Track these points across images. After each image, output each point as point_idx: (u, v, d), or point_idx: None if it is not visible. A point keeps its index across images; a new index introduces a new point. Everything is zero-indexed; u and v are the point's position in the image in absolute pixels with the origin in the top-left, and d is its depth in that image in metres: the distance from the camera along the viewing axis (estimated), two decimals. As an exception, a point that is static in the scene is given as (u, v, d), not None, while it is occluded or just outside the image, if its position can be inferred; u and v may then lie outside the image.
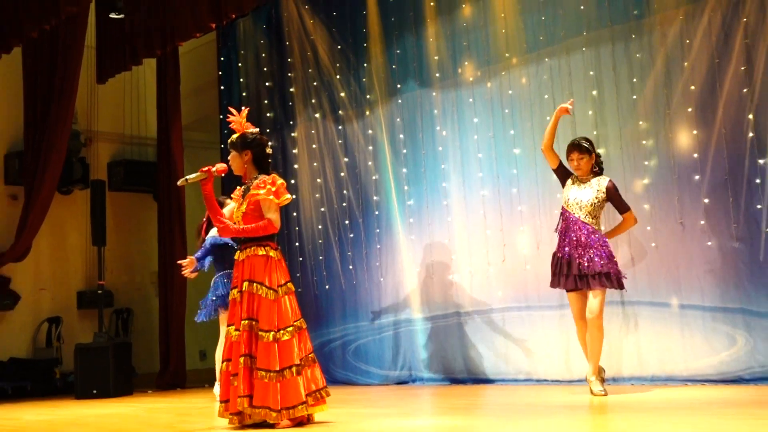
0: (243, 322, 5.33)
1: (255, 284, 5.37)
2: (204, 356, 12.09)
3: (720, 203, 6.87)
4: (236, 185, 5.95)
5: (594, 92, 7.64)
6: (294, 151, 10.01)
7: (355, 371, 9.20)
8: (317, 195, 9.70)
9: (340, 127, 9.61)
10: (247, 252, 5.45)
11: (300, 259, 9.76)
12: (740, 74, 6.80)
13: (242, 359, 5.27)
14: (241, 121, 5.69)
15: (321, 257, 9.63)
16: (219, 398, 5.49)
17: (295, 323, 5.38)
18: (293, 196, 5.70)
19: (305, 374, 5.33)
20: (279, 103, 10.25)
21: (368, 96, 9.37)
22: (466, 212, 8.45)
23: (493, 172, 8.26)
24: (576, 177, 6.62)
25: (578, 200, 6.49)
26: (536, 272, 7.78)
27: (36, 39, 9.70)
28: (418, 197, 8.89)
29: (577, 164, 6.55)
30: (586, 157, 6.54)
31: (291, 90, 10.10)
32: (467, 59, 8.56)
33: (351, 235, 9.42)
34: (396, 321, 8.96)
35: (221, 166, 5.61)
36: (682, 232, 7.09)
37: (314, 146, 9.81)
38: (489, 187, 8.29)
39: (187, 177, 5.58)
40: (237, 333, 5.35)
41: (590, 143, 6.63)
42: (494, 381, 8.12)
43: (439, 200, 8.70)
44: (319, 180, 9.69)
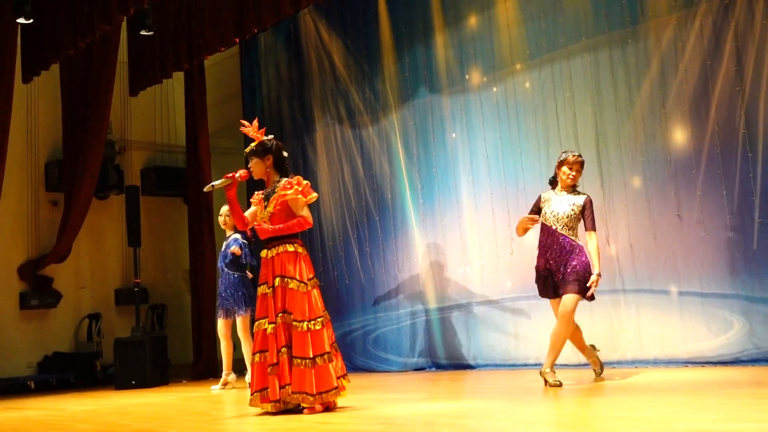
0: (278, 316, 5.30)
1: (286, 279, 5.34)
2: (234, 347, 12.07)
3: (715, 196, 6.82)
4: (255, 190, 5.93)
5: (593, 94, 7.59)
6: (314, 156, 10.01)
7: (375, 359, 9.19)
8: (336, 196, 9.70)
9: (357, 132, 9.60)
10: (277, 249, 5.42)
11: (321, 256, 9.76)
12: (731, 74, 6.74)
13: (284, 349, 5.24)
14: (255, 129, 5.67)
15: (341, 253, 9.62)
16: (251, 388, 5.43)
17: (323, 314, 5.38)
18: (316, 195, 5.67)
19: (335, 361, 5.33)
20: (299, 111, 10.24)
21: (382, 102, 9.36)
22: (476, 209, 8.43)
23: (501, 171, 8.23)
24: (555, 191, 6.28)
25: (555, 213, 6.16)
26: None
27: (72, 56, 9.71)
28: (431, 196, 8.86)
29: (574, 176, 6.22)
30: (577, 169, 6.22)
31: (310, 98, 10.09)
32: (474, 66, 8.52)
33: (368, 233, 9.40)
34: (413, 311, 8.95)
35: (244, 172, 5.59)
36: (680, 224, 7.04)
37: (332, 150, 9.80)
38: (497, 185, 8.26)
39: (213, 183, 5.58)
40: (272, 326, 5.30)
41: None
42: (505, 366, 8.09)
43: (451, 198, 8.68)
44: (338, 181, 9.69)
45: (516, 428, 4.29)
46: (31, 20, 8.86)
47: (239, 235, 8.18)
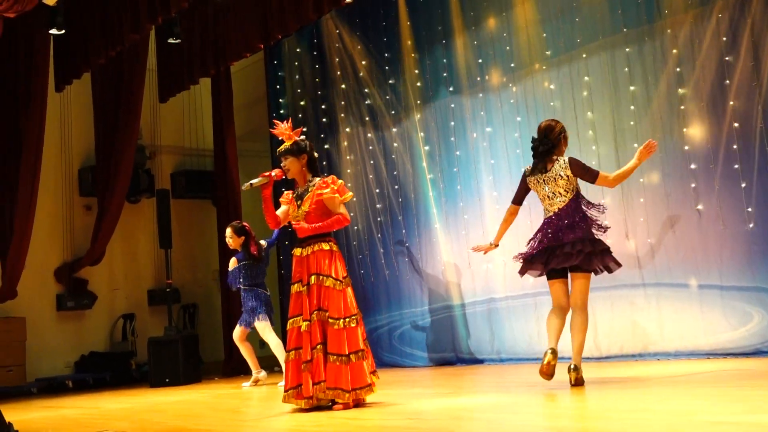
0: (313, 314, 5.29)
1: (322, 277, 5.33)
2: (263, 345, 12.10)
3: (733, 190, 6.75)
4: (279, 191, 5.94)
5: (611, 92, 7.53)
6: (338, 158, 10.03)
7: (401, 354, 9.19)
8: (360, 196, 9.70)
9: (379, 133, 9.60)
10: (312, 248, 5.39)
11: (346, 255, 9.76)
12: (748, 69, 6.67)
13: (318, 347, 5.24)
14: (289, 130, 5.67)
15: (366, 252, 9.63)
16: (285, 385, 5.41)
17: (357, 312, 5.37)
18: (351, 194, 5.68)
19: (369, 358, 5.32)
20: (323, 114, 10.26)
21: (404, 104, 9.35)
22: (498, 207, 8.39)
23: (521, 169, 8.15)
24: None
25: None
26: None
27: (103, 64, 9.79)
28: (453, 195, 8.85)
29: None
30: None
31: (333, 101, 10.11)
32: (493, 67, 8.49)
33: (392, 232, 9.40)
34: (437, 308, 8.94)
35: (279, 172, 5.57)
36: (699, 218, 6.97)
37: (356, 152, 9.82)
38: (517, 183, 8.19)
39: (252, 182, 5.55)
40: (306, 323, 5.28)
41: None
42: (529, 360, 8.05)
43: (473, 197, 8.65)
44: (362, 181, 9.69)
45: (540, 422, 4.28)
46: (63, 31, 8.93)
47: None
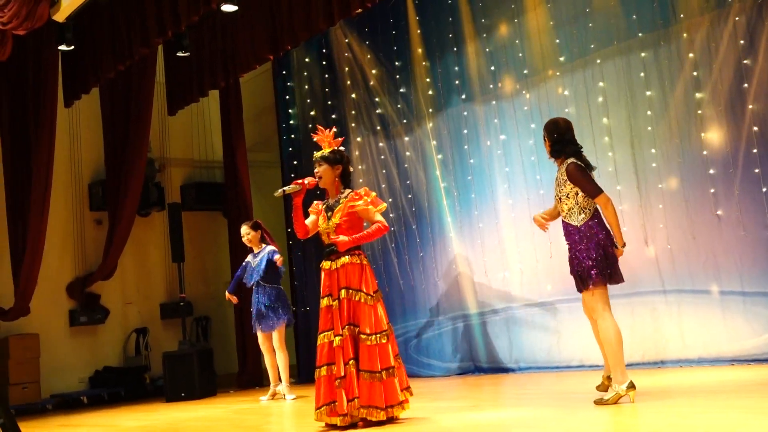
0: (344, 329, 5.18)
1: (352, 291, 5.23)
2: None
3: (753, 194, 6.67)
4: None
5: (627, 97, 7.46)
6: (349, 168, 9.94)
7: (418, 364, 9.10)
8: (373, 205, 9.62)
9: (391, 143, 9.53)
10: (342, 261, 5.28)
11: (361, 265, 9.68)
12: (767, 72, 6.59)
13: (351, 362, 5.14)
14: (330, 138, 5.59)
15: (380, 262, 9.54)
16: (317, 402, 5.24)
17: (388, 326, 5.28)
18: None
19: (398, 375, 5.23)
20: (333, 124, 10.12)
21: (415, 113, 9.28)
22: (513, 214, 8.32)
23: (536, 176, 8.12)
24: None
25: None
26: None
27: (112, 79, 9.73)
28: (467, 203, 8.77)
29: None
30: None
31: (344, 111, 10.04)
32: (506, 73, 8.42)
33: (407, 241, 9.32)
34: (454, 317, 8.85)
35: (312, 180, 5.48)
36: (718, 224, 6.90)
37: (368, 162, 9.75)
38: (533, 190, 8.15)
39: (285, 188, 5.47)
40: (339, 338, 5.16)
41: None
42: (548, 368, 7.98)
43: (488, 204, 8.58)
44: (374, 192, 9.58)
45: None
46: (72, 47, 8.87)
47: (272, 247, 8.18)
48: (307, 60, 10.58)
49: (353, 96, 9.90)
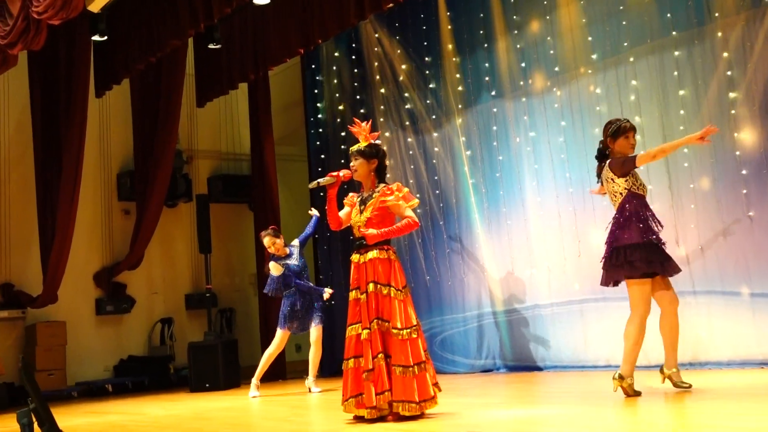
0: (373, 323, 5.18)
1: (380, 285, 5.23)
2: (299, 349, 12.12)
3: (787, 196, 6.62)
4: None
5: (659, 96, 7.41)
6: (385, 162, 9.96)
7: (443, 361, 9.09)
8: (400, 200, 9.62)
9: (420, 138, 9.53)
10: (370, 255, 5.29)
11: (386, 260, 9.70)
12: (803, 73, 6.54)
13: (380, 356, 5.13)
14: (367, 131, 5.60)
15: (406, 257, 9.54)
16: (344, 394, 5.28)
17: (417, 322, 5.29)
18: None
19: (430, 370, 5.24)
20: (361, 118, 9.98)
21: (444, 108, 9.27)
22: (542, 212, 8.30)
23: (566, 174, 8.09)
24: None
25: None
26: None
27: (142, 70, 9.80)
28: (495, 200, 8.76)
29: (633, 143, 5.84)
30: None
31: (372, 106, 10.04)
32: (537, 70, 8.39)
33: (433, 237, 9.33)
34: (479, 314, 8.85)
35: (347, 172, 5.50)
36: (751, 224, 6.84)
37: (396, 157, 9.74)
38: (562, 188, 8.12)
39: (319, 180, 5.50)
40: (367, 331, 5.18)
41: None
42: (574, 368, 7.95)
43: (516, 202, 8.56)
44: (406, 188, 9.58)
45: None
46: (105, 37, 8.94)
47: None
48: (337, 54, 10.60)
49: (382, 91, 9.91)
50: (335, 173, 5.47)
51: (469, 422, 5.00)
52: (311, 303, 8.19)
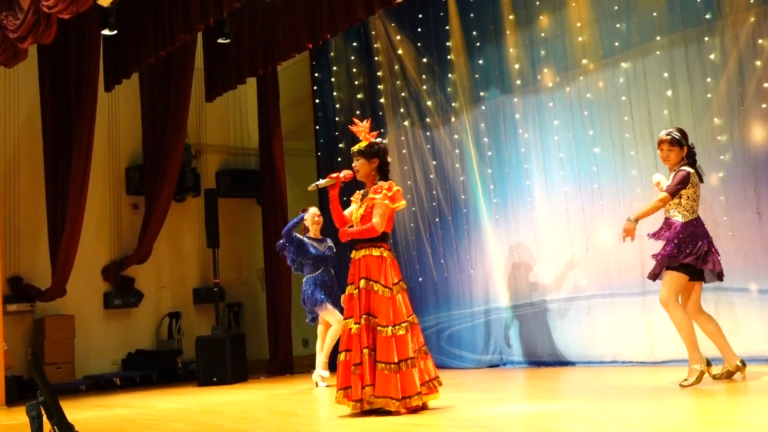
0: (363, 317, 5.33)
1: (371, 282, 5.36)
2: (306, 344, 12.16)
3: (797, 193, 6.63)
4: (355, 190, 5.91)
5: (669, 92, 7.42)
6: (387, 159, 9.99)
7: (449, 356, 9.14)
8: (408, 196, 9.64)
9: (428, 134, 9.55)
10: (363, 252, 5.46)
11: (395, 256, 9.73)
12: (813, 70, 6.54)
13: (365, 351, 5.26)
14: (366, 130, 5.65)
15: (414, 253, 9.59)
16: (337, 386, 5.46)
17: (408, 319, 5.36)
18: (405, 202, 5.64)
19: (419, 366, 5.30)
20: (370, 113, 10.17)
21: (453, 104, 9.29)
22: (550, 208, 8.32)
23: (575, 170, 8.11)
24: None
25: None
26: (618, 262, 7.64)
27: (151, 64, 9.84)
28: (503, 195, 8.78)
29: (664, 156, 6.02)
30: (666, 148, 5.95)
31: (381, 101, 10.07)
32: (546, 66, 8.41)
33: (441, 232, 9.36)
34: (486, 309, 8.88)
35: (348, 173, 5.58)
36: (759, 222, 6.85)
37: (404, 151, 9.77)
38: (571, 184, 8.15)
39: (318, 182, 5.58)
40: (357, 326, 5.34)
41: (678, 135, 5.98)
42: (581, 363, 7.98)
43: (524, 197, 8.58)
44: (410, 182, 9.64)
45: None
46: (115, 32, 8.99)
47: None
48: (345, 49, 10.63)
49: (391, 86, 9.93)
50: (335, 174, 5.55)
51: (475, 417, 5.05)
52: (336, 285, 8.15)
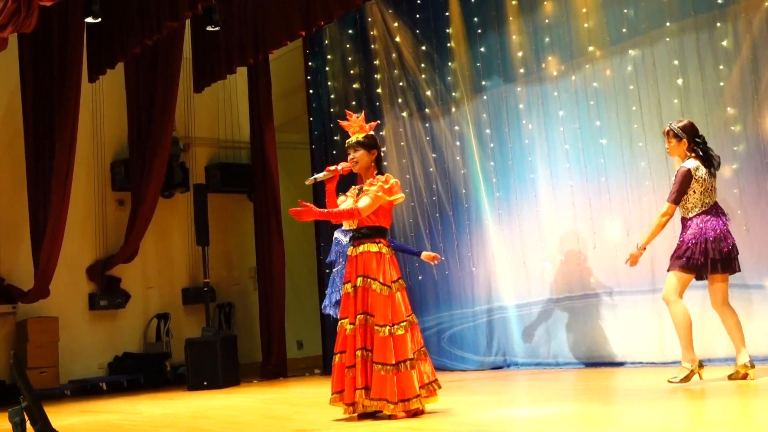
0: (358, 317, 5.29)
1: (368, 280, 5.32)
2: (301, 346, 12.17)
3: (813, 186, 6.62)
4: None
5: (679, 81, 7.40)
6: (383, 149, 9.96)
7: (451, 357, 9.14)
8: (407, 190, 9.61)
9: (427, 125, 9.53)
10: (361, 248, 5.40)
11: (392, 252, 9.72)
12: (830, 58, 6.53)
13: (359, 352, 5.23)
14: (362, 123, 5.63)
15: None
16: (331, 389, 5.42)
17: (408, 318, 5.33)
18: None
19: (418, 368, 5.28)
20: (366, 104, 10.17)
21: (454, 94, 9.27)
22: (555, 202, 8.31)
23: (581, 163, 8.10)
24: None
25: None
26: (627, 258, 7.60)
27: (137, 54, 9.81)
28: (507, 189, 8.76)
29: (668, 148, 6.18)
30: (667, 140, 6.12)
31: (378, 91, 10.04)
32: (550, 54, 8.39)
33: (441, 228, 9.34)
34: (489, 308, 8.87)
35: (346, 165, 5.55)
36: (774, 215, 6.85)
37: (402, 144, 9.76)
38: (577, 177, 8.13)
39: (315, 176, 5.56)
40: (351, 327, 5.30)
41: (678, 128, 6.08)
42: (588, 364, 7.97)
43: (528, 191, 8.57)
44: (408, 176, 9.62)
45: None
46: (99, 19, 8.96)
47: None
48: (340, 37, 10.59)
49: (388, 76, 9.90)
50: (333, 167, 5.53)
51: (478, 420, 5.03)
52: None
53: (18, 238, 10.25)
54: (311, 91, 11.03)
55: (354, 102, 10.30)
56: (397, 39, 9.73)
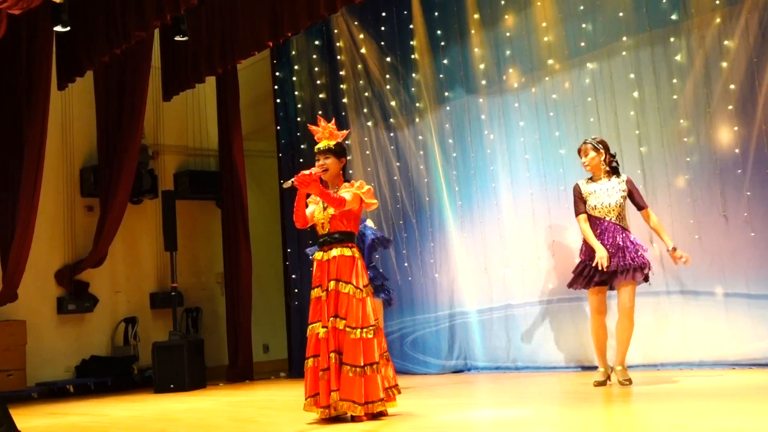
0: (331, 320, 5.24)
1: (342, 283, 5.27)
2: (267, 350, 12.08)
3: (763, 196, 6.70)
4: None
5: (635, 94, 7.47)
6: (348, 158, 9.93)
7: (413, 361, 9.10)
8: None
9: (392, 134, 9.51)
10: (333, 252, 5.34)
11: (357, 258, 9.68)
12: (779, 72, 6.61)
13: (332, 355, 5.18)
14: (332, 130, 5.58)
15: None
16: (305, 393, 5.36)
17: (375, 323, 5.30)
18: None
19: (382, 372, 5.25)
20: (332, 114, 10.10)
21: (417, 104, 9.26)
22: (516, 210, 8.33)
23: (540, 172, 8.13)
24: (588, 179, 6.53)
25: (605, 204, 6.35)
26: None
27: (106, 62, 9.69)
28: (469, 197, 8.77)
29: (585, 162, 6.49)
30: (592, 154, 6.45)
31: (343, 101, 10.00)
32: (511, 66, 8.42)
33: (405, 235, 9.32)
34: (451, 314, 8.85)
35: (318, 171, 5.44)
36: (726, 225, 6.92)
37: (367, 152, 9.72)
38: (537, 186, 8.16)
39: (293, 180, 5.48)
40: (324, 330, 5.24)
41: (598, 142, 6.50)
42: (547, 369, 7.99)
43: (489, 200, 8.58)
44: (373, 184, 9.57)
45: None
46: (68, 28, 8.83)
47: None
48: (307, 47, 10.54)
49: (354, 86, 9.87)
50: (307, 172, 5.44)
51: (439, 423, 5.01)
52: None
53: (-14, 243, 10.06)
54: (278, 101, 10.95)
55: (321, 111, 10.22)
56: (363, 50, 9.70)
